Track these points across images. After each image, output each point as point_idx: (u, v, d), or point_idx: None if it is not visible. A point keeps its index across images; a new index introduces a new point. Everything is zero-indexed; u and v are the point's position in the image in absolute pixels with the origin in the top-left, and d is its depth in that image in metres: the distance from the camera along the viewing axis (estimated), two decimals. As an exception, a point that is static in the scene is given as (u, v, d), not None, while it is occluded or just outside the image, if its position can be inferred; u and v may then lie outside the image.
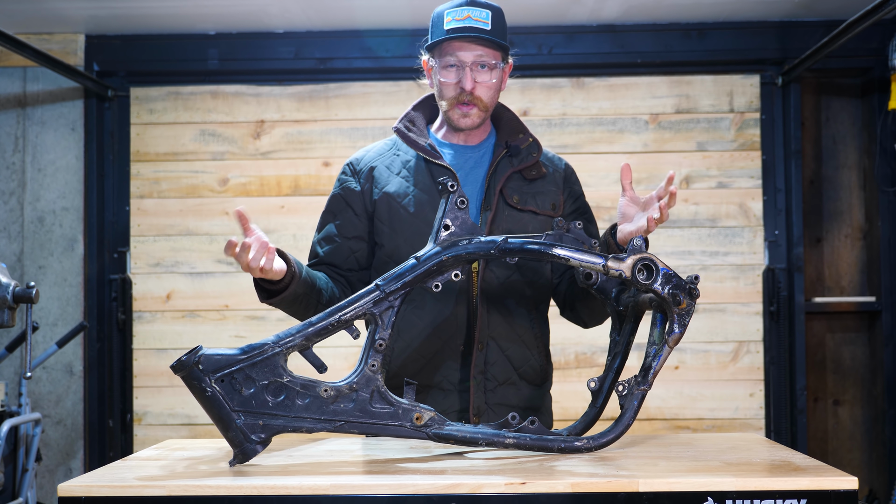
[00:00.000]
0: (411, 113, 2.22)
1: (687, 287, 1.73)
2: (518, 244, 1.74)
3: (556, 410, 2.34)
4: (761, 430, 4.30)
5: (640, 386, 1.76)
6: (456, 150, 2.18)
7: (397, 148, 2.20)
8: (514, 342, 2.13)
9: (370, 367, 1.70)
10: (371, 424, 1.70)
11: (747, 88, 4.41)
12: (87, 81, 4.31)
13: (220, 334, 4.38)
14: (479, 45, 2.08)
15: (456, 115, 2.12)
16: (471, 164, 2.17)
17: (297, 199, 4.40)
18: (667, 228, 4.38)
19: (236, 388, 1.67)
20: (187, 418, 4.37)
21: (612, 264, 1.72)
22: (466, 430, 1.73)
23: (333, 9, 4.13)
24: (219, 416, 1.68)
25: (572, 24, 4.35)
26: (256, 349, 1.68)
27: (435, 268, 1.74)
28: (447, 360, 2.09)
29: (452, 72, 2.09)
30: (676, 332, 1.75)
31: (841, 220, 4.54)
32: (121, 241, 4.44)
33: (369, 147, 2.25)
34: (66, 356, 4.31)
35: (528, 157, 2.17)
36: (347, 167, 2.22)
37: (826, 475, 1.53)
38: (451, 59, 2.08)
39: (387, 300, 1.72)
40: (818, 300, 4.43)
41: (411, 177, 2.14)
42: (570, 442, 1.75)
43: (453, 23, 2.07)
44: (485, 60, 2.09)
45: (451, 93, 2.10)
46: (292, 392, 1.68)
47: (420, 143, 2.15)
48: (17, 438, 3.80)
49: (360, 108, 4.44)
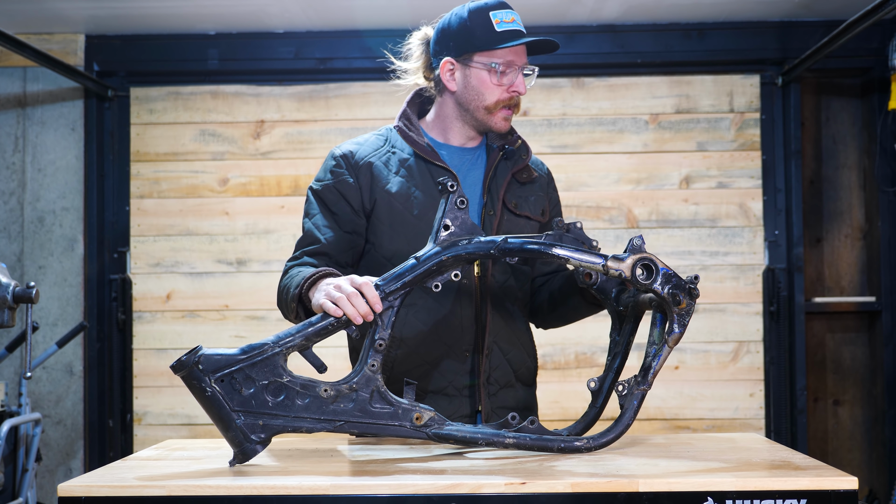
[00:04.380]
0: (407, 110, 2.17)
1: (687, 287, 1.72)
2: (518, 244, 1.73)
3: (556, 410, 2.35)
4: (761, 430, 4.30)
5: (639, 386, 1.76)
6: (451, 151, 2.14)
7: (391, 144, 2.13)
8: (514, 345, 2.12)
9: (370, 367, 1.70)
10: (371, 424, 1.69)
11: (747, 88, 4.41)
12: (87, 81, 4.31)
13: (220, 334, 4.38)
14: (524, 50, 2.07)
15: (501, 116, 2.08)
16: (467, 165, 2.14)
17: (297, 199, 4.40)
18: (667, 228, 4.38)
19: (236, 388, 1.67)
20: (187, 418, 4.37)
21: (612, 264, 1.71)
22: (466, 430, 1.72)
23: (333, 9, 4.13)
24: (219, 415, 1.68)
25: (572, 24, 4.35)
26: (256, 349, 1.68)
27: (435, 268, 1.73)
28: (452, 366, 2.07)
29: (508, 74, 2.05)
30: (676, 332, 1.74)
31: (841, 220, 4.54)
32: (121, 241, 4.44)
33: (360, 141, 2.16)
34: (66, 356, 4.31)
35: (519, 160, 2.15)
36: (341, 159, 2.10)
37: (826, 475, 1.53)
38: (504, 65, 2.04)
39: (386, 300, 1.72)
40: (818, 300, 4.43)
41: (411, 177, 2.09)
42: (570, 442, 1.75)
43: (504, 25, 2.03)
44: (528, 67, 2.09)
45: (499, 96, 2.06)
46: (292, 392, 1.68)
47: (420, 143, 2.11)
48: (17, 438, 3.80)
49: (360, 108, 4.44)
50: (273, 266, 4.39)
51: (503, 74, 2.04)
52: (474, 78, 2.06)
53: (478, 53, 2.05)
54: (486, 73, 2.05)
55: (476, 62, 2.05)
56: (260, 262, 4.40)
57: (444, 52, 2.09)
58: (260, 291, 4.39)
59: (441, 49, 2.09)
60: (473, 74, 2.06)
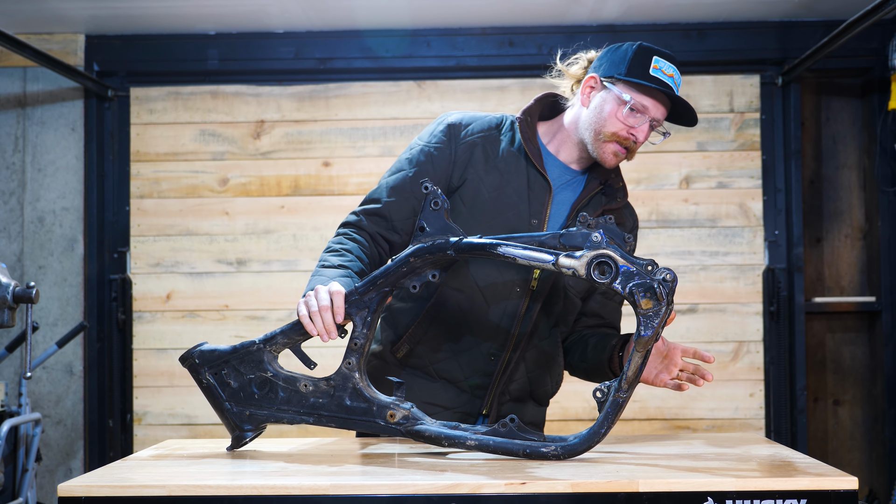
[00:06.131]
0: (533, 107, 2.14)
1: (651, 286, 1.59)
2: (469, 244, 1.71)
3: (556, 410, 2.35)
4: (761, 430, 4.30)
5: (617, 392, 1.66)
6: (553, 163, 2.11)
7: (503, 132, 2.11)
8: (540, 367, 2.12)
9: (346, 364, 1.78)
10: (347, 419, 1.79)
11: (747, 88, 4.41)
12: (87, 81, 4.30)
13: (220, 334, 4.38)
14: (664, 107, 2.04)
15: (609, 151, 2.03)
16: (564, 183, 2.10)
17: (297, 199, 4.40)
18: (667, 228, 4.38)
19: (226, 380, 1.83)
20: (187, 418, 4.37)
21: (565, 261, 1.62)
22: (433, 430, 1.74)
23: (333, 9, 4.13)
24: (215, 404, 1.85)
25: (572, 24, 4.35)
26: (245, 346, 1.82)
27: (405, 269, 1.75)
28: (474, 363, 2.07)
29: (632, 117, 2.01)
30: (643, 335, 1.61)
31: (841, 220, 4.54)
32: (121, 241, 4.44)
33: (474, 116, 2.12)
34: (66, 356, 4.31)
35: (614, 200, 2.12)
36: (449, 129, 2.08)
37: (826, 475, 1.53)
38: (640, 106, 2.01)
39: (362, 300, 1.78)
40: (818, 300, 4.43)
41: (508, 170, 2.06)
42: (537, 448, 1.69)
43: (661, 75, 2.01)
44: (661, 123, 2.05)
45: (619, 130, 2.02)
46: (275, 386, 1.81)
47: (532, 142, 2.08)
48: (17, 438, 3.80)
49: (360, 108, 4.43)
50: (273, 266, 4.39)
51: (631, 113, 2.02)
52: (605, 102, 2.04)
53: (621, 83, 2.02)
54: (617, 104, 2.02)
55: (615, 89, 2.03)
56: (260, 262, 4.40)
57: (596, 69, 2.08)
58: (260, 291, 4.39)
59: (598, 64, 2.08)
60: (607, 98, 2.04)
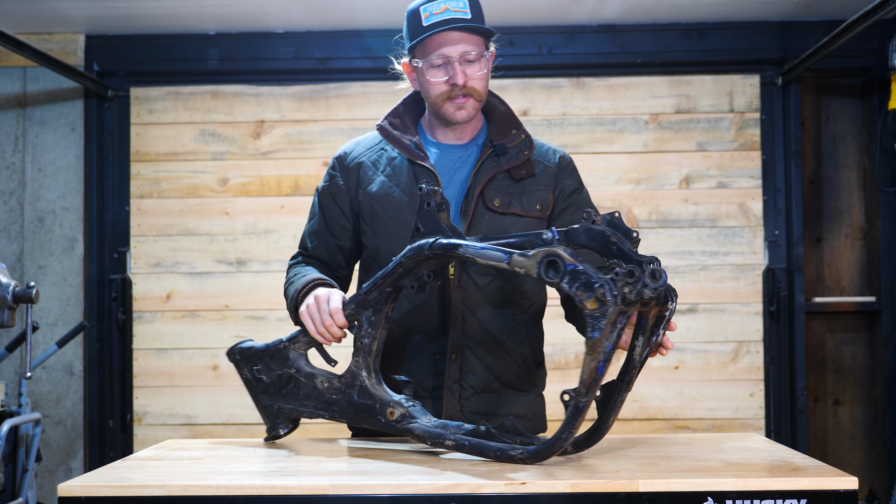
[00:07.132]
0: (399, 108, 2.14)
1: (592, 285, 1.51)
2: (441, 245, 1.72)
3: (556, 410, 2.33)
4: (761, 430, 4.30)
5: (576, 397, 1.61)
6: (442, 150, 2.10)
7: (385, 142, 2.12)
8: (493, 350, 2.05)
9: (354, 363, 1.85)
10: (355, 416, 1.85)
11: (747, 88, 4.41)
12: (87, 81, 4.30)
13: (220, 334, 4.38)
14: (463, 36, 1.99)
15: (450, 109, 2.03)
16: (455, 164, 2.09)
17: (297, 199, 4.40)
18: (667, 228, 4.38)
19: (259, 376, 1.96)
20: (187, 418, 4.37)
21: (518, 260, 1.59)
22: (423, 429, 1.76)
23: (333, 9, 4.13)
24: (253, 397, 1.99)
25: (572, 24, 4.35)
26: (275, 344, 1.94)
27: (400, 270, 1.78)
28: (421, 366, 2.04)
29: (441, 70, 2.00)
30: (590, 336, 1.53)
31: (841, 220, 4.54)
32: (121, 241, 4.44)
33: (359, 140, 2.16)
34: (66, 356, 4.31)
35: (517, 156, 2.07)
36: (336, 161, 2.14)
37: (826, 475, 1.53)
38: (437, 57, 1.99)
39: (367, 300, 1.83)
40: (818, 300, 4.43)
41: (395, 176, 2.07)
42: (506, 451, 1.67)
43: (432, 17, 1.99)
44: (471, 53, 2.00)
45: (442, 90, 2.02)
46: (298, 382, 1.92)
47: (404, 142, 2.07)
48: (17, 438, 3.80)
49: (360, 108, 4.43)
50: (273, 266, 4.39)
51: (437, 69, 2.01)
52: (420, 76, 2.06)
53: (414, 52, 2.05)
54: (426, 69, 2.03)
55: (415, 61, 2.05)
56: (260, 262, 4.40)
57: (402, 56, 2.11)
58: (260, 291, 4.39)
59: (402, 52, 2.11)
60: (420, 72, 2.06)
